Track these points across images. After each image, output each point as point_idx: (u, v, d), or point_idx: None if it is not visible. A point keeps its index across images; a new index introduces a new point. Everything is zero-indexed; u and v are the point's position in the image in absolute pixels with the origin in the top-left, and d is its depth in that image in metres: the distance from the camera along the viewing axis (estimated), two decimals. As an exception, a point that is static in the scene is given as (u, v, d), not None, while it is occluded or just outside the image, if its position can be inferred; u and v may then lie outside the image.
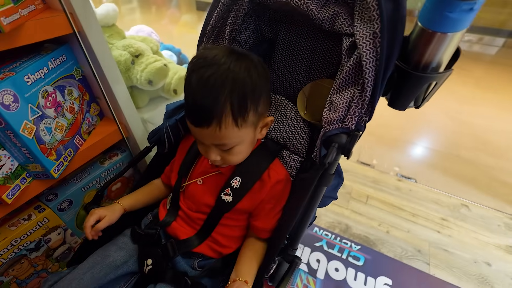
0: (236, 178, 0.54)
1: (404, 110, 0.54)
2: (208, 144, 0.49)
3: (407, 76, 0.47)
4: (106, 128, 0.81)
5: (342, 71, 0.50)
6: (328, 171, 0.54)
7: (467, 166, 1.49)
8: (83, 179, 0.82)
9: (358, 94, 0.47)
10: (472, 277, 1.01)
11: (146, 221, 0.65)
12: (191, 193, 0.58)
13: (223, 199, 0.54)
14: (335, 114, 0.49)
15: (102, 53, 0.70)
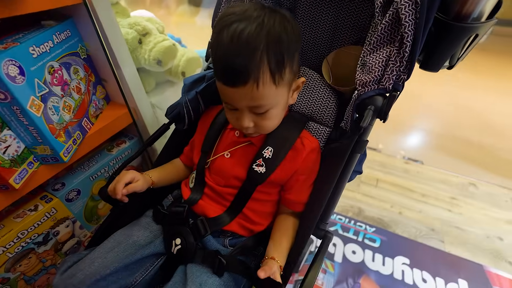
0: (267, 148, 0.51)
1: (438, 71, 0.52)
2: (242, 107, 0.45)
3: (446, 28, 0.45)
4: (114, 112, 0.76)
5: (375, 30, 0.48)
6: (362, 137, 0.52)
7: (470, 146, 1.51)
8: (91, 168, 0.77)
9: (396, 51, 0.45)
10: (486, 251, 1.02)
11: (167, 202, 0.61)
12: (219, 167, 0.55)
13: (256, 170, 0.51)
14: (371, 75, 0.47)
15: (111, 29, 0.65)
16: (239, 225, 0.53)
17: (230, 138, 0.56)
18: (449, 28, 0.44)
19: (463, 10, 0.42)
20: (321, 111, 0.59)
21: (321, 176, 0.54)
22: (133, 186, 0.52)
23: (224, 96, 0.46)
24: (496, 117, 1.74)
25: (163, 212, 0.54)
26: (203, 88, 0.59)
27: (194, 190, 0.56)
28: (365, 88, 0.48)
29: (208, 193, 0.55)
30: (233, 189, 0.53)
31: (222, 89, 0.45)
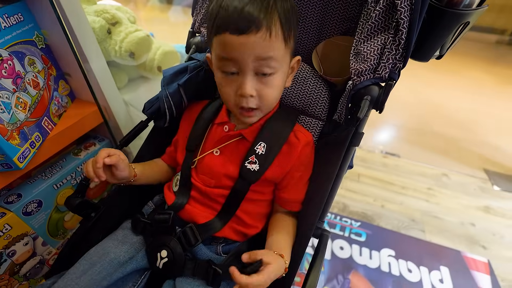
0: (260, 143, 0.47)
1: (428, 60, 0.52)
2: (248, 65, 0.40)
3: (439, 15, 0.44)
4: (80, 110, 0.67)
5: (369, 17, 0.46)
6: (359, 129, 0.50)
7: (439, 139, 1.60)
8: (54, 175, 0.67)
9: (391, 38, 0.43)
10: (462, 238, 1.07)
11: (148, 209, 0.54)
12: (207, 166, 0.49)
13: (249, 168, 0.46)
14: (366, 64, 0.45)
15: (75, 14, 0.57)
16: (232, 230, 0.48)
17: (218, 134, 0.51)
18: (441, 15, 0.43)
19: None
20: (313, 104, 0.56)
21: (318, 172, 0.52)
22: (116, 158, 0.45)
23: (226, 52, 0.40)
24: (457, 112, 1.87)
25: (143, 221, 0.48)
26: (186, 80, 0.54)
27: (179, 194, 0.50)
28: (360, 78, 0.46)
29: (196, 196, 0.49)
30: (224, 190, 0.48)
31: (225, 43, 0.39)
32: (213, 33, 0.41)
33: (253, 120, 0.48)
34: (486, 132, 1.69)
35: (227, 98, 0.44)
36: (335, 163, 0.48)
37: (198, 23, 0.59)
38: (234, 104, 0.44)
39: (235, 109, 0.46)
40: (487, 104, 2.02)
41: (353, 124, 0.47)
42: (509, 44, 3.22)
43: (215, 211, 0.48)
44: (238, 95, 0.43)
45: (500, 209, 1.19)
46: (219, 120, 0.52)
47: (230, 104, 0.45)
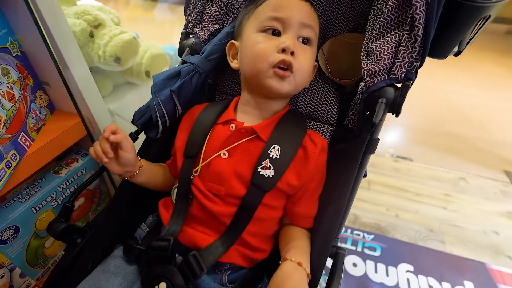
0: (273, 146, 0.46)
1: (446, 57, 0.52)
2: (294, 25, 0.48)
3: (457, 8, 0.44)
4: (61, 123, 0.66)
5: (380, 13, 0.46)
6: (373, 135, 0.50)
7: (454, 140, 1.61)
8: (33, 196, 0.65)
9: (406, 35, 0.43)
10: (485, 248, 1.07)
11: (142, 233, 0.52)
12: (215, 172, 0.47)
13: (263, 175, 0.45)
14: (379, 63, 0.45)
15: (54, 18, 0.56)
16: (238, 254, 0.47)
17: (224, 134, 0.49)
18: (460, 8, 0.43)
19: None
20: (321, 108, 0.56)
21: (331, 184, 0.51)
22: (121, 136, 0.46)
23: (278, 11, 0.47)
24: (471, 109, 1.89)
25: (137, 248, 0.46)
26: (179, 86, 0.53)
27: (176, 211, 0.48)
28: (374, 79, 0.46)
29: (196, 214, 0.48)
30: (231, 207, 0.46)
31: (278, 3, 0.48)
32: (257, 5, 0.50)
33: (285, 86, 0.47)
34: (503, 130, 1.71)
35: (262, 56, 0.46)
36: (350, 174, 0.48)
37: (191, 23, 0.59)
38: (270, 62, 0.46)
39: (268, 72, 0.46)
40: (502, 99, 2.05)
41: (368, 130, 0.47)
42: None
43: (218, 232, 0.47)
44: (279, 50, 0.46)
45: (524, 214, 1.20)
46: (224, 119, 0.52)
47: (265, 66, 0.46)
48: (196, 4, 0.58)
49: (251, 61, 0.48)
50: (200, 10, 0.58)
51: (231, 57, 0.55)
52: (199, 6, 0.58)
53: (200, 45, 0.59)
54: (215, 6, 0.58)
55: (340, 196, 0.47)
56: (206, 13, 0.59)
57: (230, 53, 0.55)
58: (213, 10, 0.58)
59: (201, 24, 0.59)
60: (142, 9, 2.79)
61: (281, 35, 0.48)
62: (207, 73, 0.57)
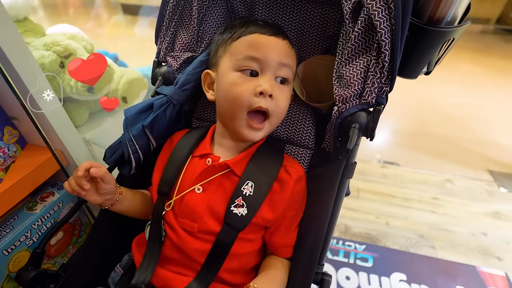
0: (247, 183, 0.45)
1: (416, 77, 0.52)
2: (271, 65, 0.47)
3: (421, 33, 0.45)
4: (33, 159, 0.63)
5: (348, 38, 0.46)
6: (350, 160, 0.49)
7: (438, 141, 1.64)
8: (4, 238, 0.62)
9: (374, 61, 0.43)
10: (475, 250, 1.08)
11: (116, 277, 0.50)
12: (188, 206, 0.46)
13: (235, 213, 0.44)
14: (350, 89, 0.45)
15: (16, 52, 0.54)
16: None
17: (200, 167, 0.48)
18: (424, 33, 0.44)
19: (436, 14, 0.43)
20: (298, 132, 0.56)
21: (310, 211, 0.50)
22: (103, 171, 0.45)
23: (255, 50, 0.46)
24: (453, 109, 1.94)
25: None
26: (152, 120, 0.51)
27: (148, 253, 0.46)
28: (346, 104, 0.45)
29: (169, 253, 0.46)
30: (205, 244, 0.45)
31: (255, 42, 0.47)
32: (236, 37, 0.48)
33: (258, 135, 0.48)
34: (485, 128, 1.75)
35: (239, 100, 0.45)
36: (330, 200, 0.47)
37: (163, 52, 0.58)
38: (246, 107, 0.45)
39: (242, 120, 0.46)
40: (481, 97, 2.11)
41: (343, 156, 0.46)
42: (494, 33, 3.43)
43: (193, 271, 0.45)
44: (256, 93, 0.45)
45: (510, 213, 1.22)
46: (200, 152, 0.50)
47: (241, 113, 0.46)
48: (166, 32, 0.57)
49: (227, 104, 0.48)
50: (171, 38, 0.57)
51: (207, 87, 0.54)
52: (170, 35, 0.57)
53: (172, 74, 0.57)
54: (186, 34, 0.57)
55: (318, 224, 0.46)
56: (177, 41, 0.58)
57: (205, 82, 0.54)
58: (184, 38, 0.57)
59: (173, 52, 0.58)
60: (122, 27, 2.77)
61: (258, 75, 0.47)
62: (182, 103, 0.56)
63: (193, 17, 0.55)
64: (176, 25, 0.57)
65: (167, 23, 0.57)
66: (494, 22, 3.45)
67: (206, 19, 0.58)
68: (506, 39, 3.34)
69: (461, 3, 0.43)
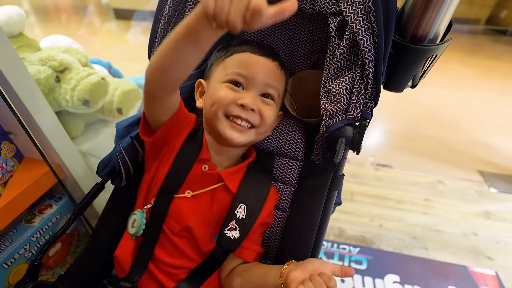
0: (240, 206, 0.48)
1: (402, 91, 0.55)
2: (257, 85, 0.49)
3: (405, 50, 0.47)
4: (30, 173, 0.64)
5: (334, 55, 0.48)
6: (337, 172, 0.51)
7: (429, 143, 1.68)
8: (4, 251, 0.63)
9: (358, 77, 0.46)
10: (466, 250, 1.11)
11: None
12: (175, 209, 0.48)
13: (229, 236, 0.46)
14: (336, 104, 0.47)
15: (12, 68, 0.55)
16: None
17: (197, 173, 0.50)
18: (407, 50, 0.46)
19: (418, 32, 0.45)
20: (288, 144, 0.58)
21: (300, 222, 0.52)
22: None
23: (243, 68, 0.48)
24: (444, 111, 1.98)
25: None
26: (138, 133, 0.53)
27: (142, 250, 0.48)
28: (332, 119, 0.48)
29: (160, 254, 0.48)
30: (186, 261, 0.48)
31: (245, 60, 0.49)
32: (227, 55, 0.51)
33: (241, 138, 0.48)
34: (475, 129, 1.79)
35: (220, 102, 0.47)
36: (318, 211, 0.49)
37: None
38: (224, 111, 0.47)
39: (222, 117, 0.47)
40: (472, 98, 2.15)
41: (330, 170, 0.48)
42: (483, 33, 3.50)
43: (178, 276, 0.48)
44: (237, 105, 0.47)
45: (499, 213, 1.25)
46: (201, 156, 0.52)
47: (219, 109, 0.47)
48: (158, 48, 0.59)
49: (209, 106, 0.49)
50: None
51: (198, 95, 0.56)
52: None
53: None
54: None
55: (308, 234, 0.49)
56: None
57: (198, 90, 0.56)
58: None
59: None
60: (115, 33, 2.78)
61: (243, 89, 0.49)
62: None
63: None
64: None
65: (159, 40, 0.58)
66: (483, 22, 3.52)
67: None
68: (496, 39, 3.42)
69: (443, 21, 0.45)
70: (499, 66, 2.75)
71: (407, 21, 0.46)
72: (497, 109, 2.03)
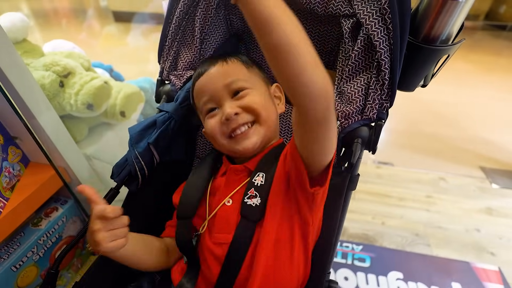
0: (258, 174, 0.47)
1: (413, 90, 0.55)
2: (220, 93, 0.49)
3: (418, 50, 0.47)
4: (37, 177, 0.66)
5: (348, 56, 0.49)
6: (354, 172, 0.52)
7: (431, 140, 1.68)
8: (12, 254, 0.64)
9: (374, 78, 0.46)
10: (469, 246, 1.11)
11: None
12: (223, 220, 0.47)
13: (250, 204, 0.44)
14: (352, 105, 0.48)
15: (17, 73, 0.56)
16: None
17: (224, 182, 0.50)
18: (420, 51, 0.47)
19: (431, 33, 0.46)
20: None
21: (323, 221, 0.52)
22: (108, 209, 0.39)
23: (203, 92, 0.50)
24: (445, 108, 1.98)
25: None
26: (156, 137, 0.54)
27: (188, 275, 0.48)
28: (348, 120, 0.48)
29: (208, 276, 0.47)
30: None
31: (200, 85, 0.50)
32: (193, 87, 0.52)
33: (252, 140, 0.48)
34: (476, 126, 1.79)
35: (213, 131, 0.49)
36: (337, 212, 0.49)
37: (166, 71, 0.61)
38: (221, 134, 0.48)
39: (224, 141, 0.48)
40: (473, 95, 2.15)
41: (347, 170, 0.49)
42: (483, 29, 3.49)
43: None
44: (224, 122, 0.47)
45: (502, 209, 1.25)
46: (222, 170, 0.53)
47: (218, 138, 0.49)
48: (169, 52, 0.60)
49: (210, 138, 0.52)
50: (174, 58, 0.60)
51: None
52: (173, 54, 0.60)
53: (176, 92, 0.60)
54: (189, 52, 0.60)
55: (328, 233, 0.49)
56: (180, 60, 0.60)
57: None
58: (187, 56, 0.60)
59: (176, 71, 0.61)
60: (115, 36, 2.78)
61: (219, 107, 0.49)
62: (182, 119, 0.59)
63: (196, 37, 0.58)
64: (179, 44, 0.60)
65: (169, 43, 0.59)
66: (482, 18, 3.51)
67: (207, 37, 0.60)
68: (495, 35, 3.41)
69: (456, 22, 0.45)
70: (499, 61, 2.75)
71: (421, 21, 0.46)
72: (498, 104, 2.03)
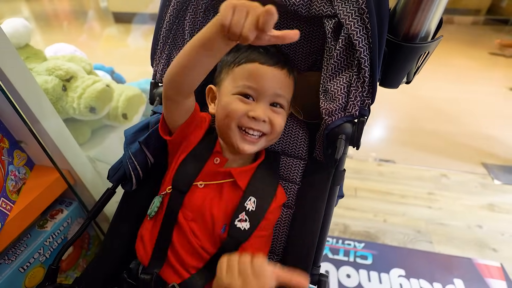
0: (249, 198, 0.50)
1: (397, 87, 0.56)
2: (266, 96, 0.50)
3: (398, 49, 0.49)
4: (42, 179, 0.67)
5: (331, 55, 0.50)
6: (339, 168, 0.53)
7: (432, 137, 1.68)
8: (19, 256, 0.65)
9: (355, 76, 0.48)
10: (471, 243, 1.12)
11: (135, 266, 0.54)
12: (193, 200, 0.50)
13: (239, 228, 0.48)
14: (335, 103, 0.49)
15: (20, 78, 0.57)
16: None
17: (210, 168, 0.52)
18: (400, 49, 0.48)
19: (410, 31, 0.47)
20: (292, 144, 0.59)
21: (304, 217, 0.54)
22: None
23: (252, 80, 0.49)
24: (446, 104, 1.97)
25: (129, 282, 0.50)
26: (147, 137, 0.55)
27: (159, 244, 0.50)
28: (332, 117, 0.50)
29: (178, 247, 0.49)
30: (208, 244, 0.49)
31: (254, 71, 0.49)
32: (236, 64, 0.51)
33: (254, 148, 0.51)
34: (477, 122, 1.79)
35: (233, 115, 0.49)
36: (322, 206, 0.51)
37: (159, 73, 0.62)
38: (237, 123, 0.49)
39: (234, 127, 0.49)
40: (473, 91, 2.15)
41: (332, 166, 0.50)
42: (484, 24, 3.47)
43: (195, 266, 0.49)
44: (249, 117, 0.48)
45: (504, 205, 1.26)
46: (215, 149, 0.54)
47: (232, 121, 0.49)
48: (161, 55, 0.61)
49: (222, 116, 0.51)
50: (166, 60, 0.61)
51: (210, 100, 0.58)
52: (165, 57, 0.61)
53: None
54: None
55: (312, 227, 0.50)
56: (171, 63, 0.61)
57: (209, 96, 0.58)
58: None
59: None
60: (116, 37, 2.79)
61: (254, 100, 0.50)
62: None
63: (186, 40, 0.59)
64: (170, 47, 0.61)
65: (161, 47, 0.60)
66: (484, 12, 3.49)
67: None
68: (497, 29, 3.38)
69: (433, 19, 0.47)
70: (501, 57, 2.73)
71: (399, 20, 0.48)
72: (499, 100, 2.03)
